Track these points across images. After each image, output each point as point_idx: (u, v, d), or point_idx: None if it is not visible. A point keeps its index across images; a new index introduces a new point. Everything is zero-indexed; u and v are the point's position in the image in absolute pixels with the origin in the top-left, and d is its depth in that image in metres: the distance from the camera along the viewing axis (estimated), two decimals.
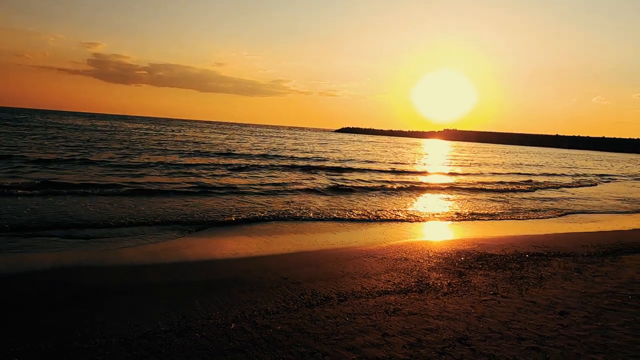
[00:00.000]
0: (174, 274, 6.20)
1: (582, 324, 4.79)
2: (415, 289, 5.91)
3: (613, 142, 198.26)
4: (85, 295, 5.22)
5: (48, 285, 5.51)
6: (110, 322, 4.44)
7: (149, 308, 4.88)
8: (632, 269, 7.29)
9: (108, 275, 6.03)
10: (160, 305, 4.98)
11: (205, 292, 5.46)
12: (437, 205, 14.90)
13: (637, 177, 35.51)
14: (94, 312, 4.70)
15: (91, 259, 6.82)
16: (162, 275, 6.12)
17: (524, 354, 4.01)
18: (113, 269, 6.34)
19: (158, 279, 5.94)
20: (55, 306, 4.86)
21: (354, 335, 4.31)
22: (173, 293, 5.41)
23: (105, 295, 5.24)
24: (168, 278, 6.01)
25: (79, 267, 6.33)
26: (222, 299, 5.27)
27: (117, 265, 6.52)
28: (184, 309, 4.89)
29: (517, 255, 8.03)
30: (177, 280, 5.94)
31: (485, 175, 28.68)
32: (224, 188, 14.74)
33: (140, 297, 5.25)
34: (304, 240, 8.85)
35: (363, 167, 27.88)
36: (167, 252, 7.36)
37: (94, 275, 6.02)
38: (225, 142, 42.40)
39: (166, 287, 5.64)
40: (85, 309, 4.81)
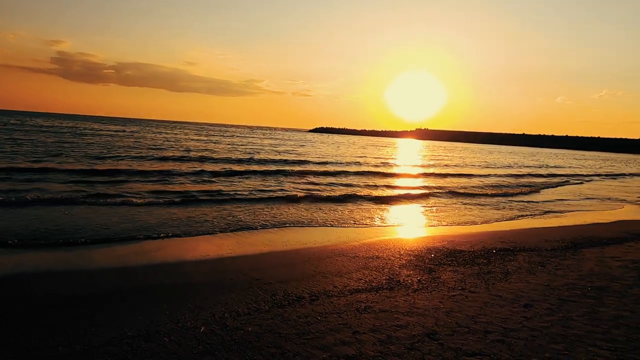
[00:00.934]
0: (142, 278, 6.05)
1: (544, 315, 4.97)
2: (386, 286, 5.99)
3: (576, 141, 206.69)
4: (49, 304, 5.02)
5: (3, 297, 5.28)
6: (75, 330, 4.30)
7: (116, 313, 4.74)
8: (592, 261, 7.62)
9: (72, 282, 5.83)
10: (127, 310, 4.85)
11: (175, 295, 5.36)
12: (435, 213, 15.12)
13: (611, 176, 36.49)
14: (56, 321, 4.53)
15: (55, 264, 6.57)
16: (130, 280, 5.97)
17: (490, 347, 4.13)
18: (78, 275, 6.13)
19: (126, 284, 5.78)
20: (14, 318, 4.66)
21: (325, 334, 4.33)
22: (141, 297, 5.28)
23: (69, 302, 5.07)
24: (136, 282, 5.86)
25: (38, 274, 6.09)
26: (192, 301, 5.18)
27: (83, 271, 6.31)
28: (153, 313, 4.78)
29: (485, 251, 8.26)
30: (145, 283, 5.80)
31: (478, 176, 27.84)
32: (205, 195, 13.96)
33: (107, 303, 5.10)
34: (276, 240, 8.81)
35: (346, 169, 26.45)
36: (136, 256, 7.17)
37: (58, 282, 5.81)
38: (200, 145, 41.30)
39: (134, 291, 5.50)
40: (46, 317, 4.63)
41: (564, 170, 40.13)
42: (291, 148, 45.95)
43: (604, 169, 45.76)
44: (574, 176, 32.93)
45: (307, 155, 36.60)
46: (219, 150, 35.43)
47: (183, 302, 5.14)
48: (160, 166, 21.00)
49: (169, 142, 40.38)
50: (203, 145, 39.67)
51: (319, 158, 34.16)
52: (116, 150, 28.14)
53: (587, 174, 35.77)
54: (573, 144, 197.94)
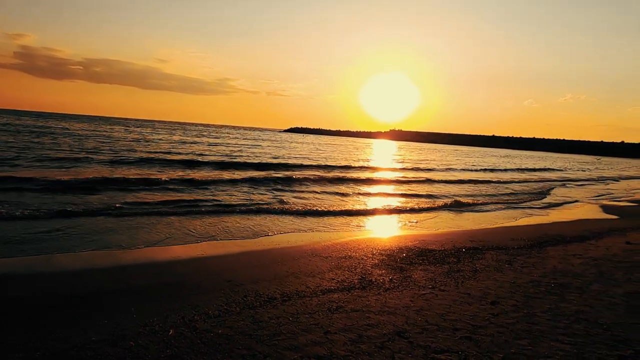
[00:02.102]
0: (110, 280, 5.87)
1: (510, 312, 5.12)
2: (358, 286, 6.03)
3: (543, 142, 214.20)
4: (8, 311, 4.81)
5: None
6: (34, 337, 4.13)
7: (80, 318, 4.58)
8: (555, 259, 7.90)
9: (33, 286, 5.60)
10: (92, 314, 4.70)
11: (143, 298, 5.23)
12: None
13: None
14: (15, 327, 4.34)
15: (19, 268, 6.29)
16: (96, 282, 5.78)
17: (458, 344, 4.21)
18: (40, 279, 5.89)
19: (91, 287, 5.60)
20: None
21: (297, 335, 4.32)
22: (107, 301, 5.13)
23: (29, 308, 4.86)
24: (103, 285, 5.68)
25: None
26: (162, 304, 5.07)
27: (45, 274, 6.07)
28: (119, 316, 4.65)
29: (455, 250, 8.43)
30: (113, 286, 5.63)
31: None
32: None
33: (70, 307, 4.92)
34: (249, 241, 8.72)
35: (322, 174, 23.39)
36: (102, 258, 6.95)
37: (16, 285, 5.57)
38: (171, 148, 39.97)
39: (101, 294, 5.33)
40: (5, 324, 4.43)
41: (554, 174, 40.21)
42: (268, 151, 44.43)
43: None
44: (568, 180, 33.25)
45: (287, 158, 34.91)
46: (194, 151, 34.24)
47: (152, 305, 5.02)
48: (135, 173, 17.67)
49: (141, 143, 38.97)
50: (174, 147, 38.25)
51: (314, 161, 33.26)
52: (85, 152, 25.09)
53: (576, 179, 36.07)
54: (542, 146, 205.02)
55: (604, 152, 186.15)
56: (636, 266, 7.47)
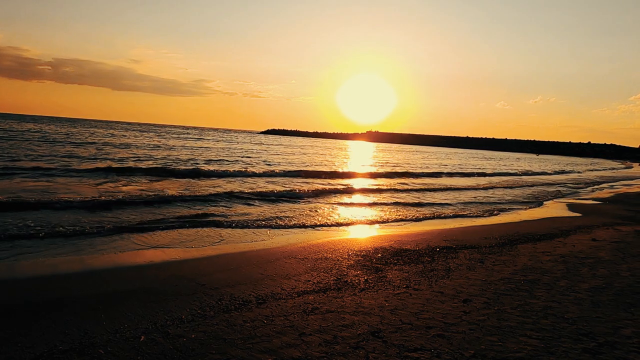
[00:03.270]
0: (79, 286, 5.69)
1: (482, 309, 5.24)
2: (334, 287, 6.05)
3: (515, 143, 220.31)
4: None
5: None
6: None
7: (47, 326, 4.43)
8: (525, 256, 8.13)
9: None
10: (58, 323, 4.55)
11: (114, 304, 5.10)
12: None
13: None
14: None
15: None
16: (63, 288, 5.59)
17: (431, 341, 4.28)
18: (4, 284, 5.66)
19: (58, 293, 5.41)
20: None
21: (272, 338, 4.30)
22: (76, 307, 4.97)
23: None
24: (70, 291, 5.51)
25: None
26: (133, 310, 4.95)
27: (6, 280, 5.84)
28: (88, 324, 4.52)
29: (430, 250, 8.57)
30: (82, 292, 5.46)
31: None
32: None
33: (35, 315, 4.75)
34: (224, 244, 8.62)
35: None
36: (70, 263, 6.74)
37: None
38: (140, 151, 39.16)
39: (67, 301, 5.16)
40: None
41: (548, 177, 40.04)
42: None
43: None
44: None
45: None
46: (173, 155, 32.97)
47: (123, 311, 4.90)
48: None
49: (113, 147, 37.82)
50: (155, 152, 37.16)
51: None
52: (53, 157, 23.95)
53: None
54: (513, 147, 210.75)
55: (571, 153, 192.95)
56: (601, 262, 7.77)
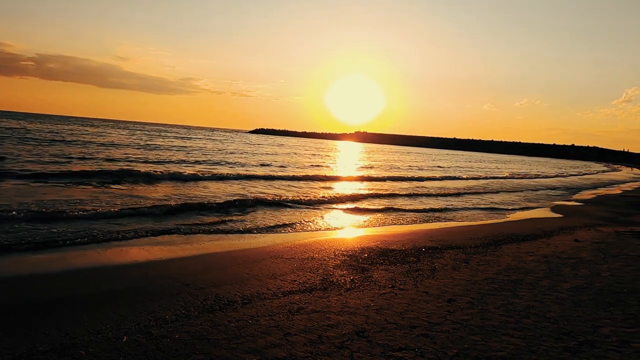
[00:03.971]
0: (59, 286, 5.59)
1: (465, 309, 5.30)
2: (320, 286, 6.06)
3: (501, 145, 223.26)
4: None
5: None
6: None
7: (27, 327, 4.35)
8: (509, 256, 8.25)
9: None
10: (39, 323, 4.46)
11: (96, 305, 5.03)
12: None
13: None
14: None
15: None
16: (44, 289, 5.49)
17: (415, 341, 4.31)
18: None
19: (39, 293, 5.31)
20: None
21: (256, 338, 4.28)
22: (57, 308, 4.88)
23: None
24: (51, 291, 5.41)
25: None
26: (115, 310, 4.88)
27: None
28: (69, 324, 4.44)
29: (415, 250, 8.63)
30: (64, 292, 5.37)
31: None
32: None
33: (15, 316, 4.65)
34: (210, 243, 8.56)
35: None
36: (52, 262, 6.62)
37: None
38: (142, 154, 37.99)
39: (48, 301, 5.07)
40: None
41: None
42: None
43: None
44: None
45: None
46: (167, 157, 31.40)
47: (105, 311, 4.83)
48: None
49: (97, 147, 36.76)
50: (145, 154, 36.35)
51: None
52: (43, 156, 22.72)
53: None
54: (500, 149, 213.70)
55: (556, 155, 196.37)
56: (582, 262, 7.92)
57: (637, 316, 5.16)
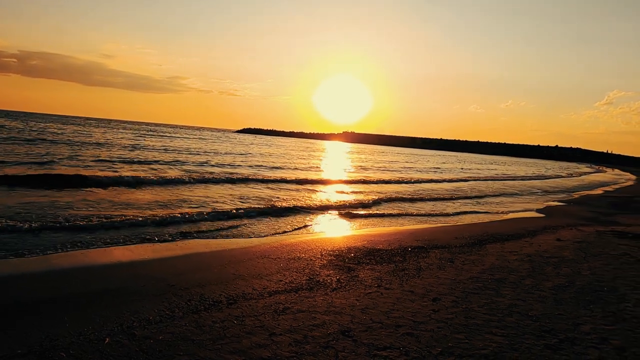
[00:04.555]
0: (40, 288, 5.49)
1: (450, 307, 5.35)
2: (306, 286, 6.05)
3: (487, 146, 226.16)
4: None
5: None
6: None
7: (5, 331, 4.25)
8: (493, 256, 8.35)
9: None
10: (18, 325, 4.37)
11: (78, 306, 4.94)
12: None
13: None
14: None
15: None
16: (24, 290, 5.38)
17: (400, 340, 4.34)
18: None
19: (17, 295, 5.20)
20: None
21: (241, 338, 4.26)
22: (40, 309, 4.79)
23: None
24: (32, 293, 5.30)
25: None
26: (98, 311, 4.81)
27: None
28: (50, 326, 4.36)
29: (402, 249, 8.68)
30: (43, 294, 5.27)
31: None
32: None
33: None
34: (194, 243, 8.49)
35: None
36: (33, 263, 6.49)
37: None
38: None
39: (31, 303, 4.97)
40: None
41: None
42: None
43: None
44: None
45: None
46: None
47: (87, 312, 4.76)
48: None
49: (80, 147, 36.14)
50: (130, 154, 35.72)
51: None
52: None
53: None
54: (485, 149, 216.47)
55: (540, 156, 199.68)
56: (564, 261, 8.06)
57: (616, 314, 5.28)
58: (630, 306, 5.57)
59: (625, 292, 6.15)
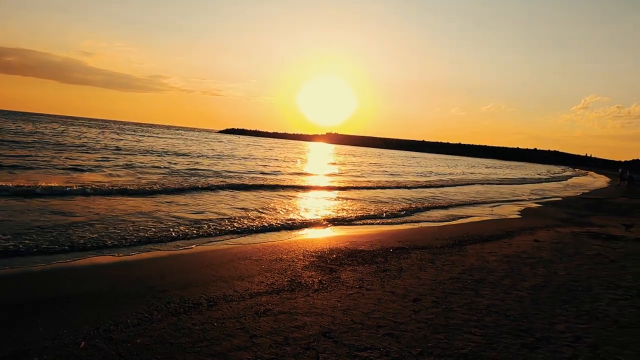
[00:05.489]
0: (11, 290, 5.33)
1: (430, 308, 5.41)
2: (288, 288, 6.03)
3: (469, 148, 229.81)
4: None
5: None
6: None
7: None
8: (473, 257, 8.48)
9: None
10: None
11: (54, 309, 4.82)
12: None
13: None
14: None
15: None
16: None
17: (380, 340, 4.37)
18: None
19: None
20: None
21: (221, 340, 4.22)
22: (9, 314, 4.65)
23: None
24: (6, 296, 5.14)
25: None
26: (74, 315, 4.70)
27: None
28: (22, 330, 4.24)
29: (384, 250, 8.74)
30: (15, 297, 5.12)
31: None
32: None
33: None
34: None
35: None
36: (6, 266, 6.29)
37: None
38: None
39: (2, 307, 4.82)
40: None
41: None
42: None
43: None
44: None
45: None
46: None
47: (62, 316, 4.64)
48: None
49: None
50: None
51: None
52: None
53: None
54: (467, 151, 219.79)
55: (520, 158, 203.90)
56: (541, 262, 8.24)
57: (590, 313, 5.42)
58: (603, 305, 5.73)
59: (599, 292, 6.32)
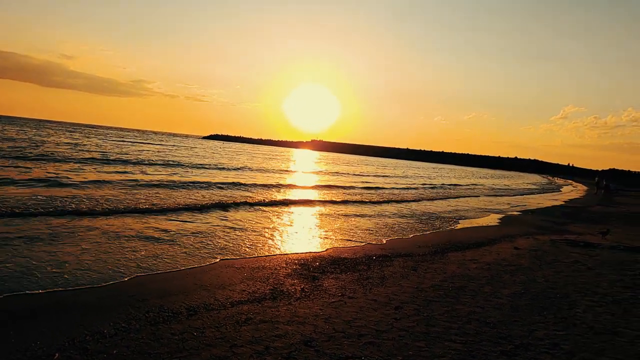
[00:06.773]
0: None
1: (412, 315, 5.43)
2: (270, 296, 5.99)
3: (451, 156, 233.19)
4: None
5: None
6: None
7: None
8: (455, 264, 8.57)
9: None
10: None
11: (27, 320, 4.68)
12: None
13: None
14: None
15: None
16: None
17: (362, 349, 4.36)
18: None
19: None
20: None
21: (200, 351, 4.15)
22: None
23: None
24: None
25: None
26: (49, 325, 4.57)
27: None
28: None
29: (367, 258, 8.76)
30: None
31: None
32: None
33: None
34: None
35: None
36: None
37: None
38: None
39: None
40: None
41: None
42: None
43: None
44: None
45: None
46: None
47: (36, 327, 4.51)
48: None
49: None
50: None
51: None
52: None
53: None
54: (450, 159, 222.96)
55: (500, 166, 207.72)
56: (520, 269, 8.37)
57: (567, 319, 5.52)
58: (580, 312, 5.84)
59: (576, 299, 6.44)
